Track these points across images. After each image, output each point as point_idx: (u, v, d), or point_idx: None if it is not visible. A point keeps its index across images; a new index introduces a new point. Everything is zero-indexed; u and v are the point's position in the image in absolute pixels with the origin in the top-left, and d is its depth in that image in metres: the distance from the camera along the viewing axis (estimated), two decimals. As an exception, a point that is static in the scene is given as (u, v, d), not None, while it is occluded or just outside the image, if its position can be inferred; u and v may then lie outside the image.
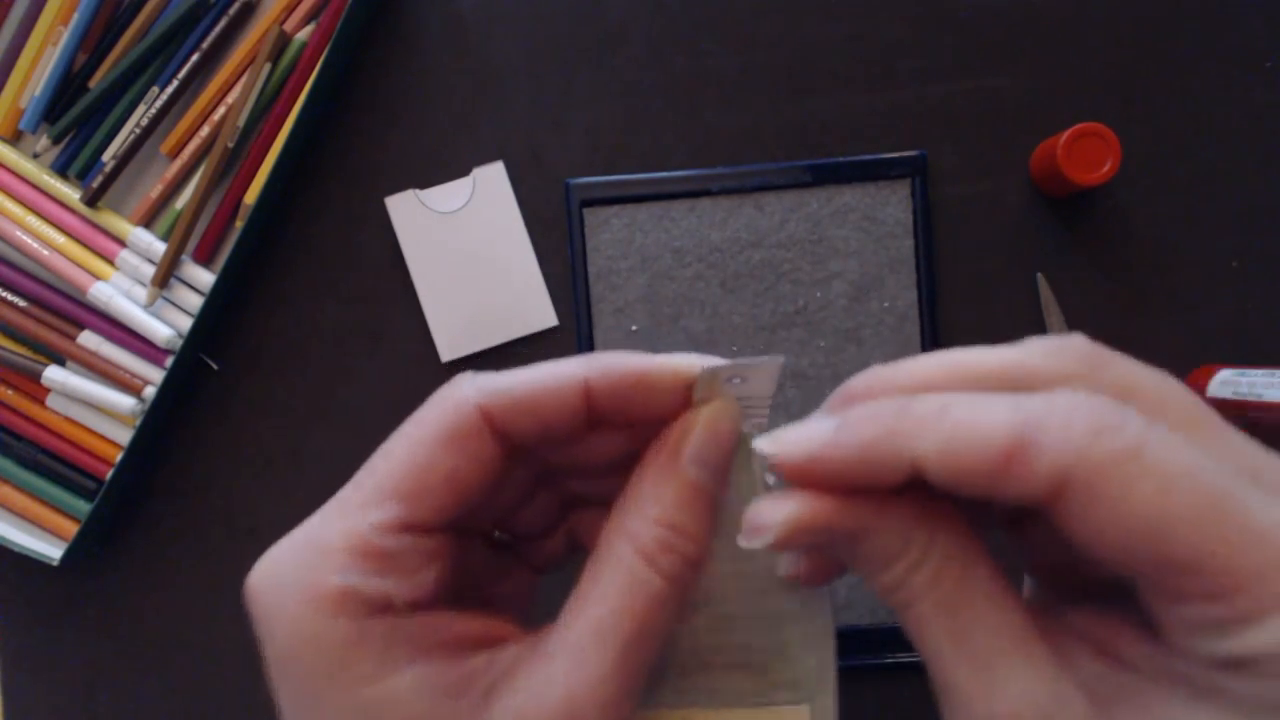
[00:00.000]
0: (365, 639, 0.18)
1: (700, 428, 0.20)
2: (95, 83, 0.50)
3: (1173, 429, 0.17)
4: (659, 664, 0.20)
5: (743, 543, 0.19)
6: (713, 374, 0.20)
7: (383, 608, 0.18)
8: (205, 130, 0.50)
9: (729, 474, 0.21)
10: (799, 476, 0.19)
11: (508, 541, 0.25)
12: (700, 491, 0.20)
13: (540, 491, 0.24)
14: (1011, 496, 0.17)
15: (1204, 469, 0.17)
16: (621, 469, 0.21)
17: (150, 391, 0.50)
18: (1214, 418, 0.19)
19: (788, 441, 0.19)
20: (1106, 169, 0.46)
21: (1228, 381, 0.46)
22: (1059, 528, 0.17)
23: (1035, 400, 0.17)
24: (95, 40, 0.50)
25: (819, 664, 0.20)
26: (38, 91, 0.50)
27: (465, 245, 0.51)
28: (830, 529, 0.19)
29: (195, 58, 0.50)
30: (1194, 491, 0.16)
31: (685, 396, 0.20)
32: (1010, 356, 0.19)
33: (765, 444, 0.19)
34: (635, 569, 0.19)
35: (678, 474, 0.20)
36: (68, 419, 0.51)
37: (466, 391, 0.20)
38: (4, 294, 0.51)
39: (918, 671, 0.54)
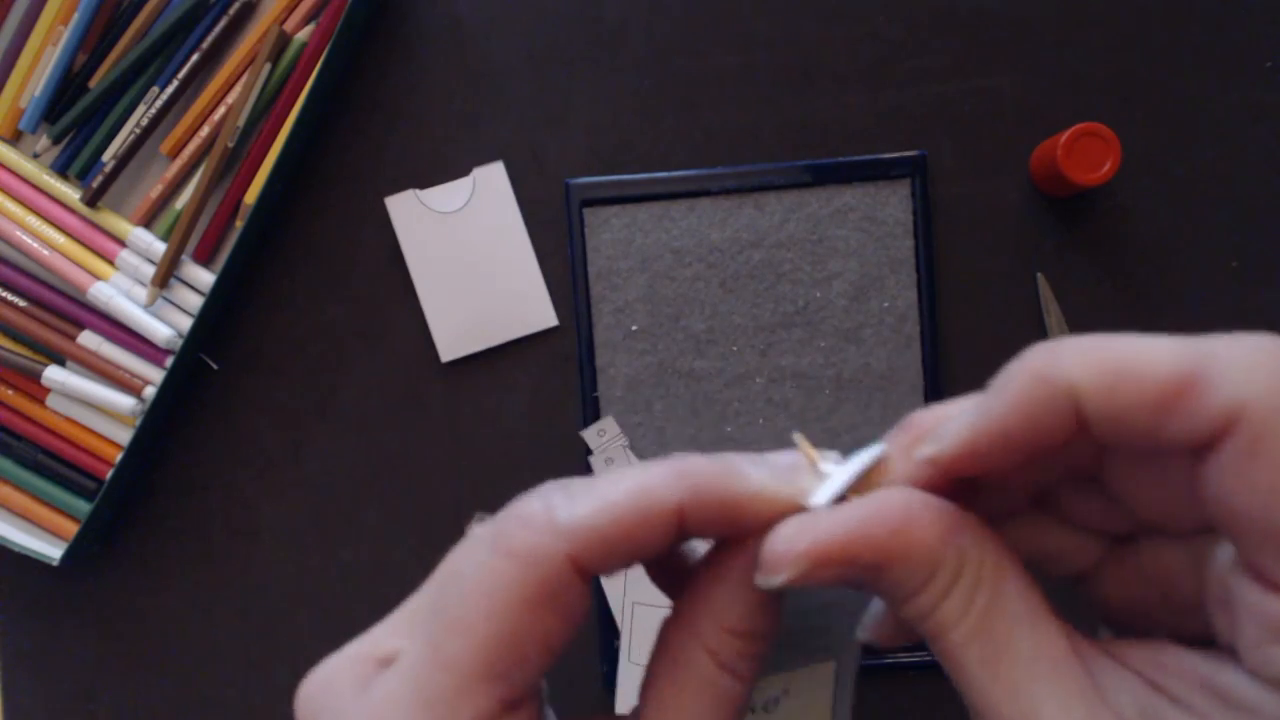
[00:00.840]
0: None
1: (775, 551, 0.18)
2: (95, 83, 0.50)
3: None
4: None
5: (759, 582, 0.18)
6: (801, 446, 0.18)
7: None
8: (205, 130, 0.50)
9: None
10: (964, 465, 0.18)
11: None
12: (769, 605, 0.19)
13: None
14: (1172, 437, 0.16)
15: None
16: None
17: (150, 391, 0.50)
18: None
19: (945, 436, 0.18)
20: (1106, 169, 0.46)
21: (1228, 381, 0.46)
22: (1201, 479, 0.16)
23: (1209, 339, 0.16)
24: (95, 40, 0.50)
25: (846, 630, 0.20)
26: (38, 91, 0.50)
27: (465, 245, 0.51)
28: (848, 560, 0.17)
29: (195, 58, 0.50)
30: None
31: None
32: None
33: (928, 449, 0.18)
34: (718, 681, 0.18)
35: (756, 590, 0.18)
36: (68, 419, 0.51)
37: (549, 540, 0.17)
38: (4, 294, 0.51)
39: (918, 671, 0.54)
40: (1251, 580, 0.16)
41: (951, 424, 0.18)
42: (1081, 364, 0.17)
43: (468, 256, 0.51)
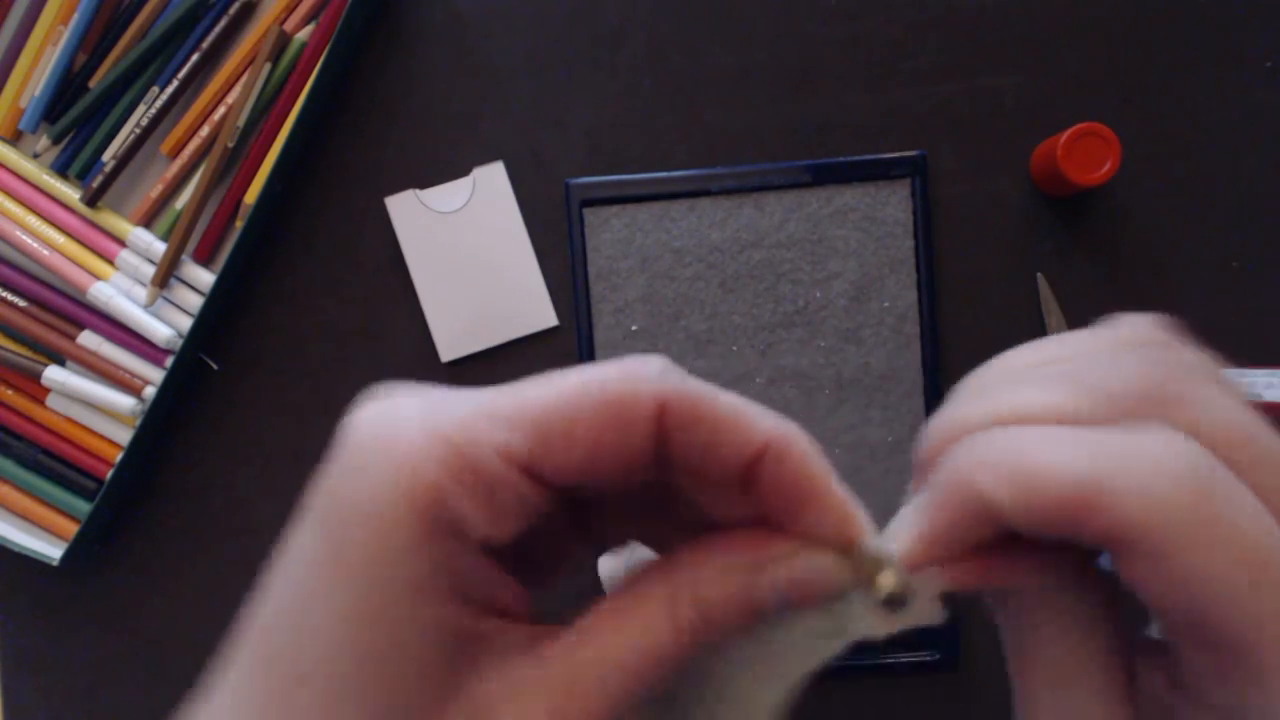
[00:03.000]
0: (423, 546, 0.17)
1: (799, 576, 0.19)
2: (95, 83, 0.50)
3: (1261, 492, 0.17)
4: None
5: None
6: (876, 559, 0.19)
7: (455, 530, 0.17)
8: (205, 130, 0.50)
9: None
10: (931, 560, 0.19)
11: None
12: (756, 608, 0.19)
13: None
14: (1085, 541, 0.17)
15: (1274, 548, 0.16)
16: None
17: (150, 391, 0.50)
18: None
19: (901, 541, 0.19)
20: (1106, 169, 0.46)
21: (1228, 381, 0.46)
22: (1121, 575, 0.17)
23: (1115, 440, 0.17)
24: (95, 40, 0.50)
25: None
26: (38, 91, 0.50)
27: (465, 245, 0.51)
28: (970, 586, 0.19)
29: (195, 58, 0.50)
30: (1259, 573, 0.16)
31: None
32: (1093, 378, 0.18)
33: (897, 537, 0.19)
34: (658, 630, 0.18)
35: (748, 586, 0.19)
36: (68, 419, 0.51)
37: (653, 374, 0.18)
38: (4, 294, 0.51)
39: (918, 671, 0.54)
40: (1184, 644, 0.18)
41: (901, 532, 0.19)
42: (994, 481, 0.17)
43: (468, 256, 0.51)
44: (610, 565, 0.37)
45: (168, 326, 0.50)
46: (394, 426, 0.18)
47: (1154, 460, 0.16)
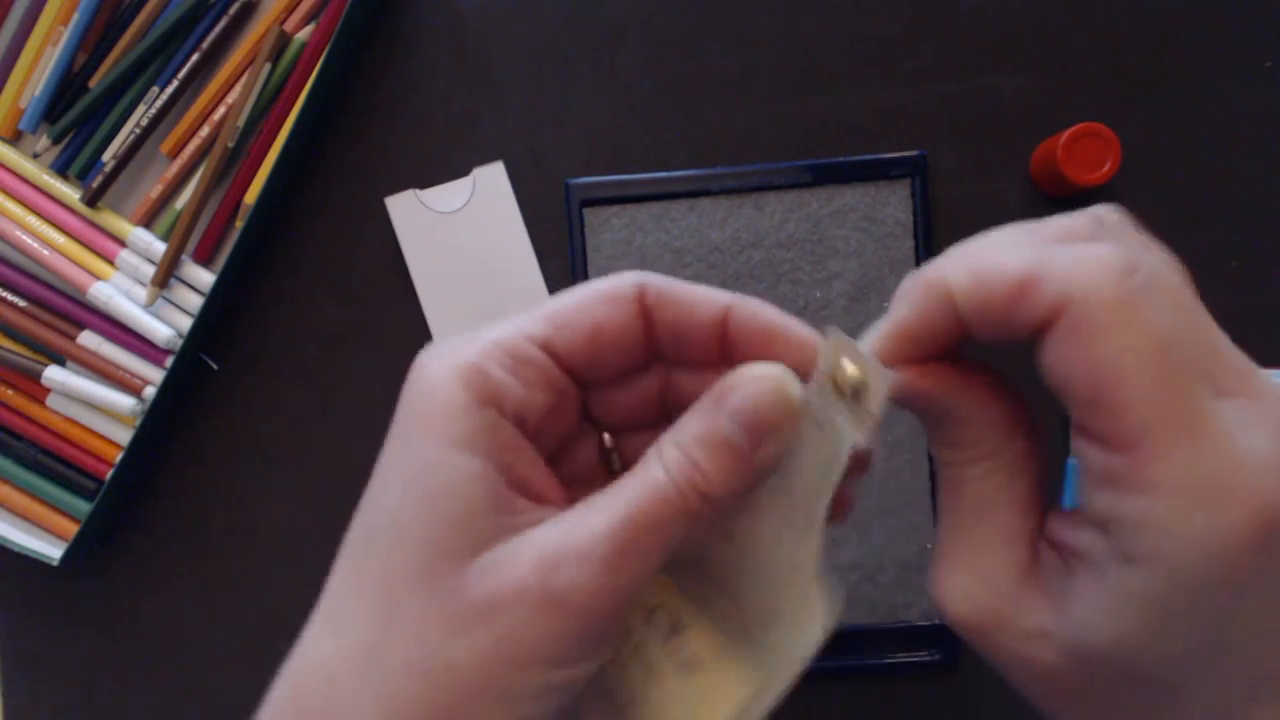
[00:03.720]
0: (468, 412, 0.21)
1: (746, 391, 0.22)
2: (95, 83, 0.50)
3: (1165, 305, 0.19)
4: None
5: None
6: (835, 346, 0.21)
7: (495, 398, 0.22)
8: (205, 130, 0.50)
9: (774, 437, 0.21)
10: (897, 358, 0.22)
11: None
12: (728, 444, 0.21)
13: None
14: (1020, 325, 0.20)
15: (1179, 346, 0.19)
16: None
17: (150, 391, 0.50)
18: (1209, 326, 0.21)
19: (873, 340, 0.23)
20: (1106, 169, 0.46)
21: (1228, 381, 0.46)
22: (1041, 359, 0.20)
23: (1060, 247, 0.20)
24: (95, 40, 0.50)
25: (797, 646, 0.20)
26: (38, 91, 0.50)
27: (465, 245, 0.51)
28: (934, 400, 0.23)
29: (195, 58, 0.50)
30: (1159, 359, 0.18)
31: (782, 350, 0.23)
32: (1052, 227, 0.22)
33: (868, 341, 0.22)
34: (655, 474, 0.21)
35: (714, 422, 0.22)
36: (68, 419, 0.51)
37: (631, 274, 0.24)
38: (4, 294, 0.51)
39: (918, 671, 0.54)
40: (1081, 438, 0.20)
41: (871, 332, 0.23)
42: (955, 270, 0.21)
43: (468, 256, 0.51)
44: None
45: (168, 326, 0.50)
46: (446, 344, 0.23)
47: (1089, 254, 0.20)
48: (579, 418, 0.25)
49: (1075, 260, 0.19)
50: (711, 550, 0.22)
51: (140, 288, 0.50)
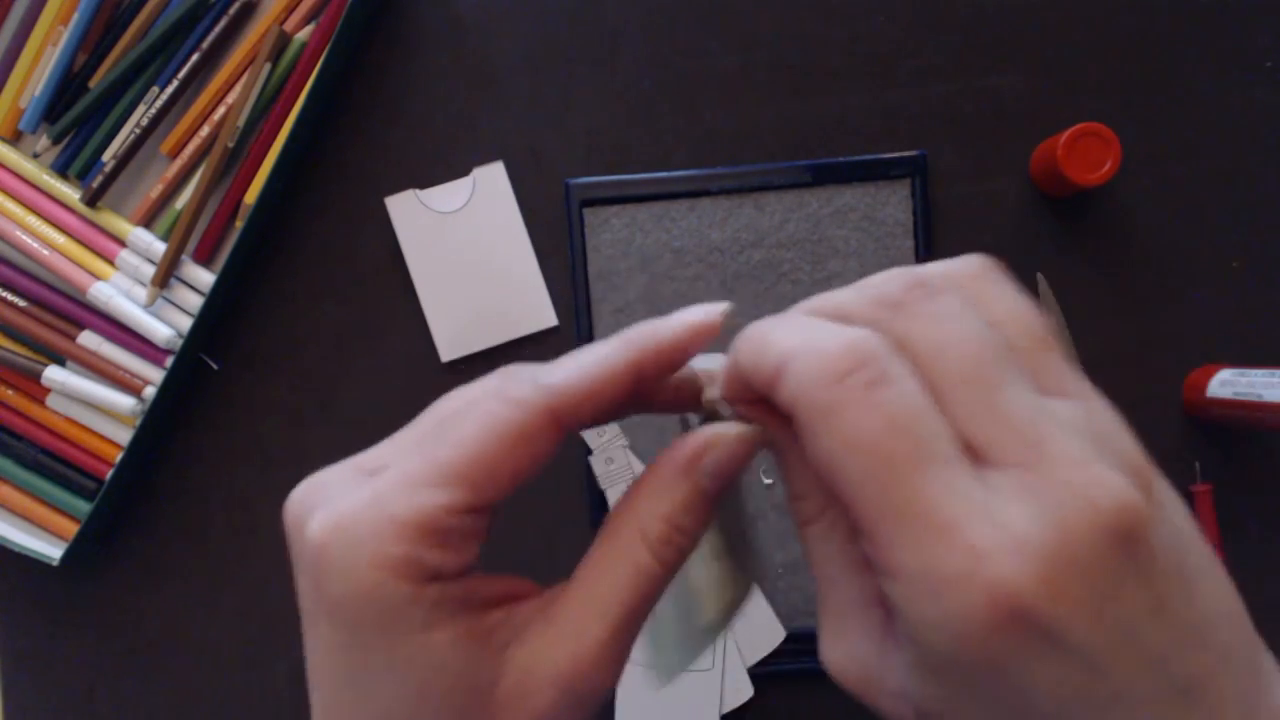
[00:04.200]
0: (419, 600, 0.21)
1: (723, 448, 0.22)
2: (95, 83, 0.50)
3: (937, 385, 0.19)
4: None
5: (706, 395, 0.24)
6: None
7: (436, 575, 0.21)
8: (205, 130, 0.50)
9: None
10: (726, 395, 0.23)
11: None
12: (707, 497, 0.23)
13: None
14: (778, 404, 0.21)
15: (903, 436, 0.18)
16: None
17: (150, 391, 0.50)
18: (992, 377, 0.19)
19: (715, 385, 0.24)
20: (1106, 169, 0.46)
21: (1228, 381, 0.46)
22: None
23: (811, 332, 0.20)
24: (95, 40, 0.50)
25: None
26: (38, 91, 0.50)
27: (465, 245, 0.51)
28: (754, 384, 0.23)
29: (195, 58, 0.50)
30: (870, 457, 0.18)
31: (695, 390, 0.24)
32: (841, 297, 0.22)
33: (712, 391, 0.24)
34: (640, 558, 0.22)
35: (693, 482, 0.22)
36: (68, 419, 0.51)
37: (532, 395, 0.22)
38: (4, 294, 0.51)
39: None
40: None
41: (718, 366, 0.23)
42: (742, 349, 0.22)
43: (468, 256, 0.51)
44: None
45: (168, 326, 0.50)
46: (356, 529, 0.21)
47: (822, 349, 0.20)
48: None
49: (805, 358, 0.20)
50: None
51: (140, 288, 0.50)
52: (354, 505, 0.22)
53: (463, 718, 0.21)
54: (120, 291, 0.50)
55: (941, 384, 0.19)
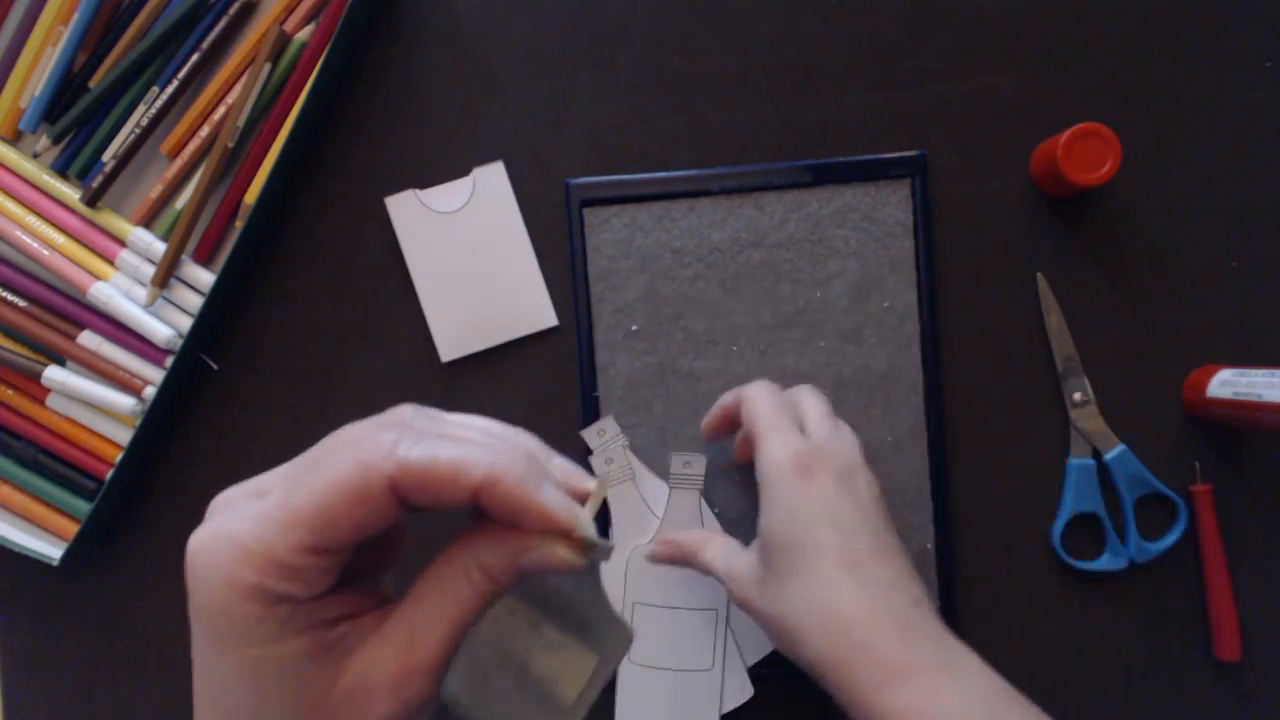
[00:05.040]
0: (268, 618, 0.25)
1: (540, 557, 0.26)
2: (95, 83, 0.50)
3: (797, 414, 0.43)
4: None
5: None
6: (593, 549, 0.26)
7: (285, 599, 0.25)
8: (205, 130, 0.50)
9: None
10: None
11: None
12: (523, 574, 0.26)
13: None
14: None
15: (779, 416, 0.41)
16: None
17: (150, 391, 0.50)
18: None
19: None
20: (1106, 169, 0.46)
21: (1228, 381, 0.46)
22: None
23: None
24: (95, 40, 0.50)
25: (617, 643, 0.28)
26: (38, 91, 0.50)
27: (465, 245, 0.51)
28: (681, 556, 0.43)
29: (195, 58, 0.50)
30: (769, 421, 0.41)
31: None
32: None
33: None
34: (463, 589, 0.26)
35: (516, 560, 0.26)
36: (68, 419, 0.51)
37: (381, 462, 0.24)
38: (4, 294, 0.51)
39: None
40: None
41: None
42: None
43: (468, 256, 0.51)
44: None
45: (168, 326, 0.50)
46: (215, 553, 0.25)
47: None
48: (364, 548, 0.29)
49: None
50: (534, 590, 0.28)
51: (140, 288, 0.50)
52: (221, 529, 0.25)
53: (303, 718, 0.25)
54: (120, 291, 0.50)
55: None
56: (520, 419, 0.51)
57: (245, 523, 0.25)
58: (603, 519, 0.50)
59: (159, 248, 0.50)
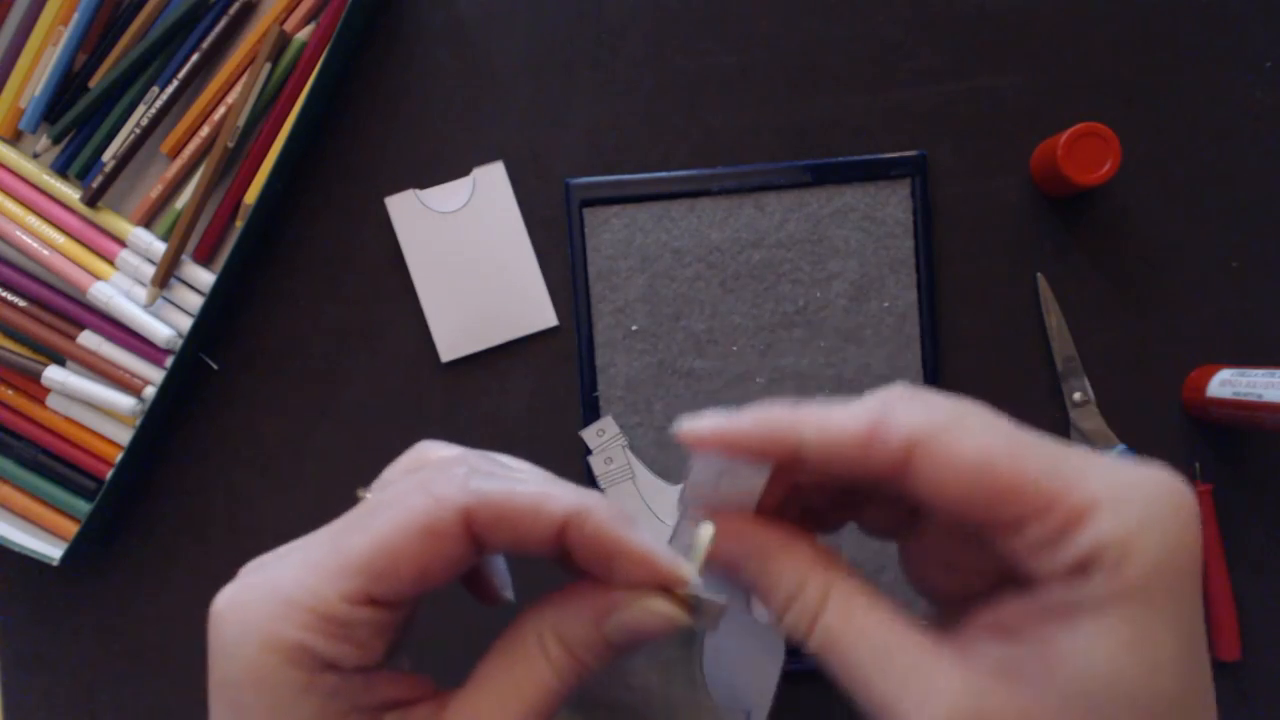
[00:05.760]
0: (310, 691, 0.20)
1: (634, 615, 0.22)
2: (95, 83, 0.50)
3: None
4: None
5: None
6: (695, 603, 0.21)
7: (331, 666, 0.20)
8: (205, 130, 0.50)
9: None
10: (701, 443, 0.22)
11: None
12: (611, 646, 0.22)
13: None
14: (874, 468, 0.21)
15: (1008, 427, 0.21)
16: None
17: (150, 391, 0.50)
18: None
19: (697, 422, 0.22)
20: (1106, 169, 0.46)
21: (1228, 381, 0.46)
22: (914, 494, 0.21)
23: (879, 395, 0.22)
24: (95, 40, 0.50)
25: None
26: (38, 91, 0.50)
27: (465, 245, 0.51)
28: (738, 556, 0.23)
29: (195, 58, 0.50)
30: (1004, 438, 0.21)
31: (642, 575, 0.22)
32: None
33: (681, 426, 0.22)
34: (540, 672, 0.21)
35: (600, 627, 0.22)
36: (68, 419, 0.51)
37: (454, 493, 0.21)
38: (4, 294, 0.51)
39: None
40: (998, 538, 0.21)
41: (707, 418, 0.23)
42: (803, 423, 0.22)
43: (468, 256, 0.51)
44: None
45: (168, 326, 0.50)
46: (249, 609, 0.20)
47: (909, 397, 0.22)
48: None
49: (904, 403, 0.22)
50: (614, 693, 0.23)
51: (140, 288, 0.50)
52: (257, 581, 0.21)
53: None
54: (120, 291, 0.50)
55: None
56: (520, 419, 0.51)
57: (289, 569, 0.21)
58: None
59: (159, 248, 0.50)
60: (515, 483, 0.21)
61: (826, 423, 0.21)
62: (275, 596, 0.20)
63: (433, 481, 0.21)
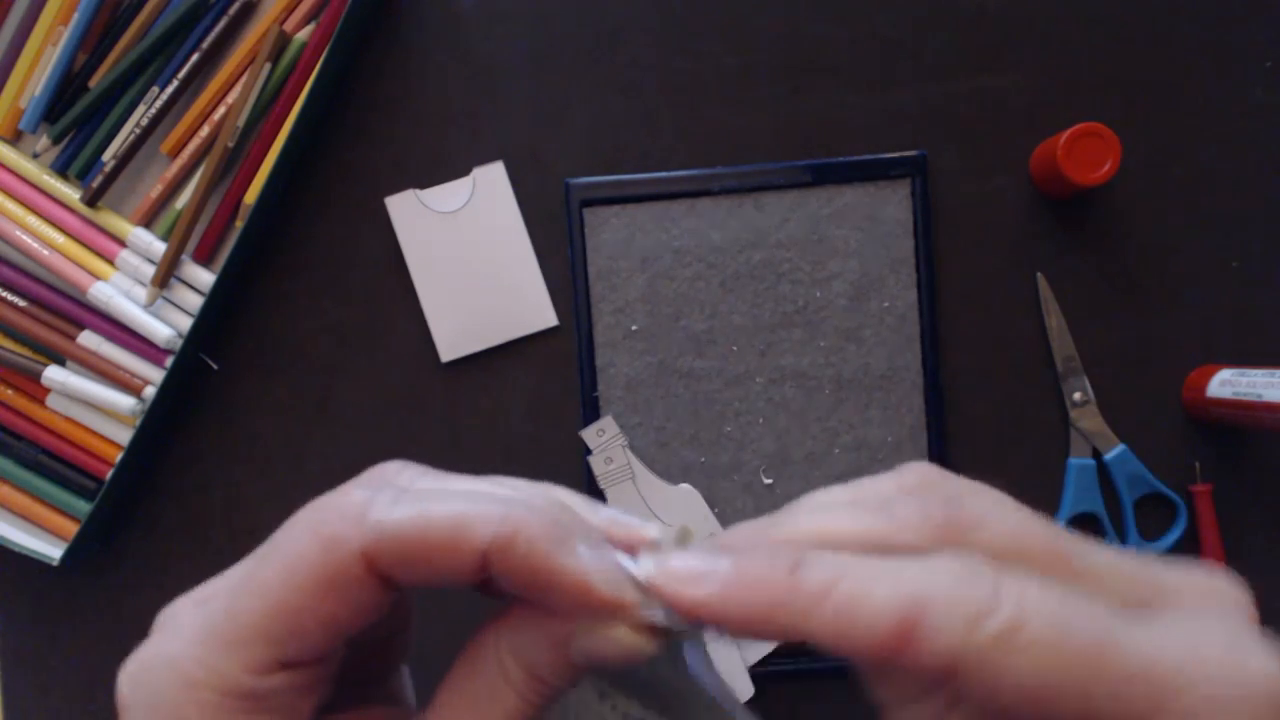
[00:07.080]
0: None
1: (595, 643, 0.19)
2: (95, 83, 0.50)
3: (1042, 572, 0.17)
4: None
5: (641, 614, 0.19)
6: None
7: None
8: (205, 130, 0.50)
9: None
10: (683, 611, 0.19)
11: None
12: (576, 668, 0.20)
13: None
14: (908, 672, 0.17)
15: (1077, 621, 0.17)
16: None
17: (150, 391, 0.50)
18: (1073, 545, 0.18)
19: (677, 573, 0.19)
20: (1106, 169, 0.46)
21: (1228, 381, 0.46)
22: (969, 692, 0.17)
23: (914, 573, 0.17)
24: (95, 40, 0.50)
25: None
26: (38, 91, 0.50)
27: (465, 245, 0.51)
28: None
29: (195, 58, 0.50)
30: (1074, 650, 0.16)
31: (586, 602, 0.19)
32: (876, 521, 0.19)
33: (653, 570, 0.19)
34: (506, 700, 0.19)
35: (562, 650, 0.19)
36: (68, 419, 0.51)
37: (349, 533, 0.18)
38: (4, 294, 0.51)
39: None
40: None
41: (693, 573, 0.19)
42: (811, 613, 0.18)
43: (468, 256, 0.51)
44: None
45: (168, 326, 0.50)
46: (153, 692, 0.18)
47: (951, 588, 0.17)
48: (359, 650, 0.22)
49: (944, 601, 0.17)
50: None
51: (140, 288, 0.50)
52: (159, 651, 0.19)
53: None
54: (120, 291, 0.50)
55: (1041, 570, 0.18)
56: (520, 419, 0.51)
57: (185, 643, 0.19)
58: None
59: (159, 248, 0.50)
60: (431, 505, 0.18)
61: (840, 614, 0.17)
62: (176, 673, 0.18)
63: (323, 521, 0.18)
